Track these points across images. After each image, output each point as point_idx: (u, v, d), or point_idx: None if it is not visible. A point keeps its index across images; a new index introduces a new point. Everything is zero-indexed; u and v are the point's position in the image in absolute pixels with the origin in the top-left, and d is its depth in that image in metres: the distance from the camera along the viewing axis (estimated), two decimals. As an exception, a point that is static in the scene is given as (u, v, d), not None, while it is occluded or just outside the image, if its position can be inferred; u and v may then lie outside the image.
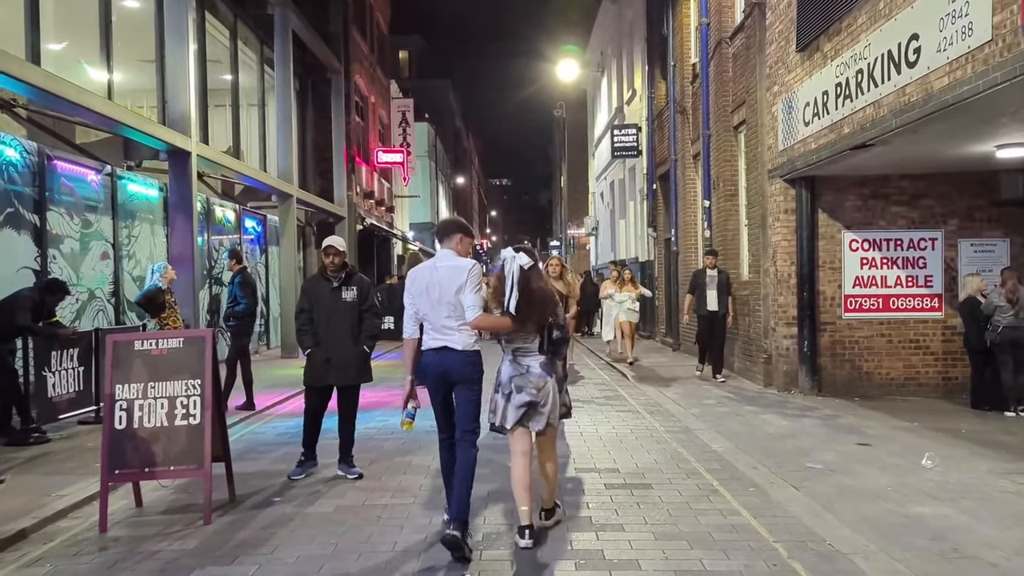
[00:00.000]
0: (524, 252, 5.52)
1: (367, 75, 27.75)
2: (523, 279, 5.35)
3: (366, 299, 6.88)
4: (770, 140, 11.86)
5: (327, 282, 6.81)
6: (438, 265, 5.50)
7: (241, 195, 18.08)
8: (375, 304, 7.01)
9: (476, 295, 5.31)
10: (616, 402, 10.80)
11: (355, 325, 6.81)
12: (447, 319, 5.29)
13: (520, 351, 5.33)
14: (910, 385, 11.38)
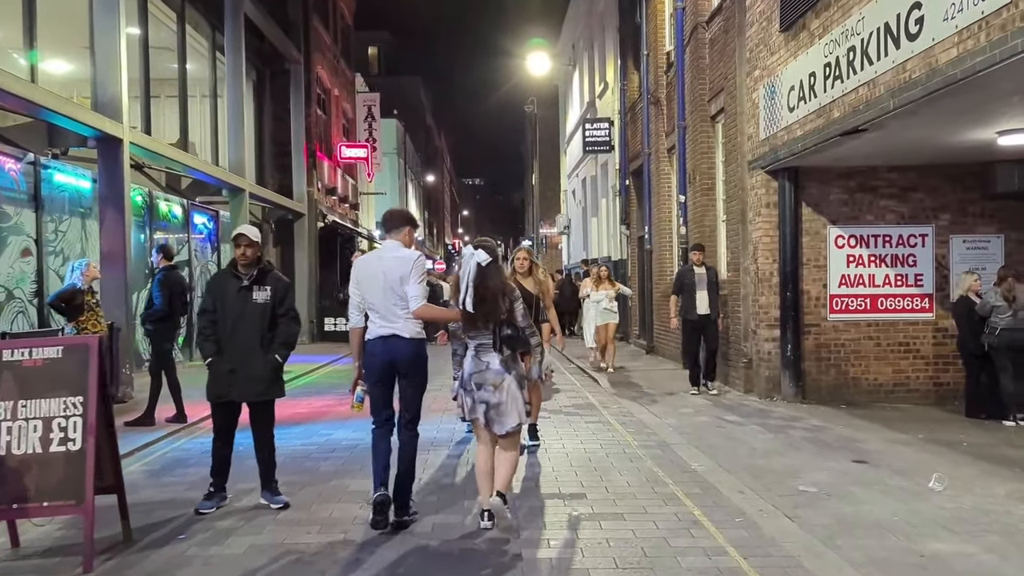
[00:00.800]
0: (483, 249, 5.55)
1: (330, 67, 26.71)
2: (479, 276, 5.41)
3: (282, 301, 5.91)
4: (750, 129, 11.06)
5: (235, 279, 5.82)
6: (384, 256, 5.59)
7: (189, 189, 17.01)
8: (293, 307, 6.05)
9: (419, 285, 5.43)
10: (586, 412, 9.92)
11: (267, 331, 5.81)
12: (394, 307, 5.39)
13: (482, 347, 5.41)
14: (899, 391, 10.62)
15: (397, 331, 5.38)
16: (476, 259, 5.49)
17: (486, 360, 5.38)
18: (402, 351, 5.38)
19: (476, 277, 5.44)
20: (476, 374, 5.38)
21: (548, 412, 9.86)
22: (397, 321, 5.39)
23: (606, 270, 14.58)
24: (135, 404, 10.04)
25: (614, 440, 8.14)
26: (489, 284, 5.45)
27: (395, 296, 5.41)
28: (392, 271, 5.44)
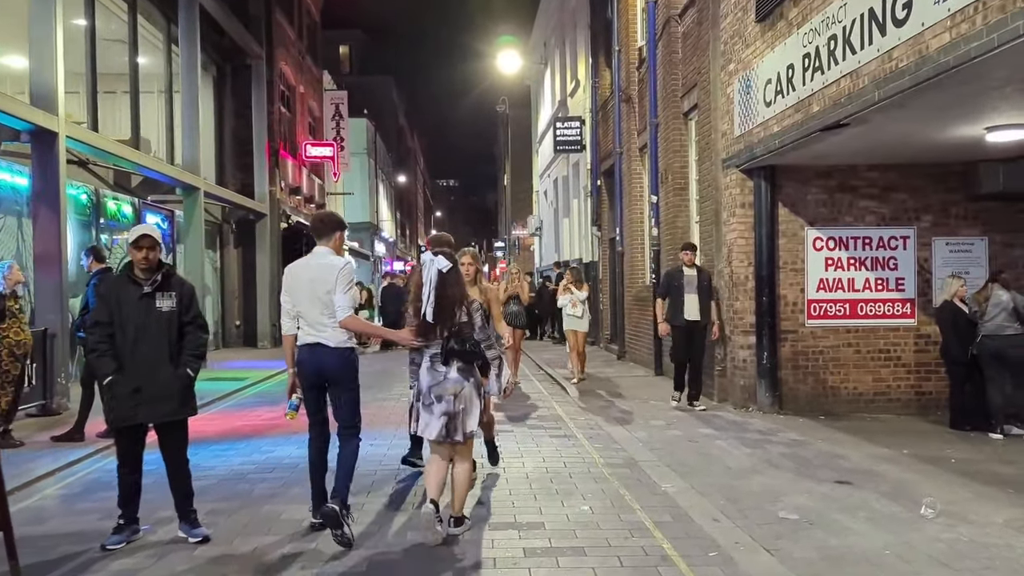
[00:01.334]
0: (443, 255, 5.35)
1: (294, 63, 25.95)
2: (440, 283, 5.23)
3: (188, 308, 5.25)
4: (725, 125, 10.54)
5: (135, 286, 5.14)
6: (311, 263, 5.48)
7: (141, 188, 16.24)
8: (200, 314, 5.41)
9: (346, 295, 5.31)
10: (551, 424, 9.33)
11: (174, 342, 5.16)
12: (320, 316, 5.30)
13: (439, 356, 5.25)
14: (880, 401, 10.14)
15: (323, 340, 5.28)
16: (437, 266, 5.25)
17: (443, 370, 5.22)
18: (328, 360, 5.29)
19: (438, 285, 5.23)
20: (435, 386, 5.20)
21: (511, 424, 9.28)
22: (324, 330, 5.29)
23: (570, 275, 13.47)
24: (69, 416, 9.33)
25: (579, 457, 7.55)
26: (449, 292, 5.26)
27: (321, 305, 5.30)
28: (319, 279, 5.32)
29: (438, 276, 5.24)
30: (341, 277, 5.29)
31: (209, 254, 20.56)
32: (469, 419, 5.22)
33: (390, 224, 55.54)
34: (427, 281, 5.25)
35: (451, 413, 5.16)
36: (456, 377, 5.20)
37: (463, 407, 5.18)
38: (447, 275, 5.25)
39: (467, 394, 5.20)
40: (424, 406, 5.24)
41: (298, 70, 26.69)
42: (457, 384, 5.18)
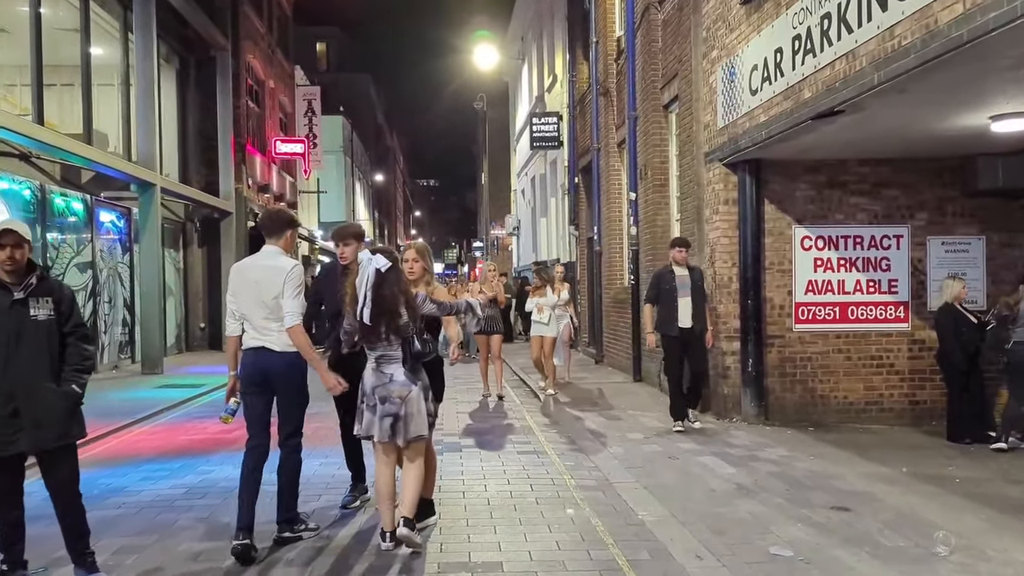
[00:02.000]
0: (382, 254, 5.02)
1: (264, 57, 25.10)
2: (377, 283, 4.96)
3: (70, 316, 4.49)
4: (707, 117, 9.88)
5: (4, 291, 4.37)
6: (259, 263, 5.26)
7: (93, 184, 15.36)
8: (84, 323, 4.65)
9: (295, 300, 5.07)
10: (520, 438, 8.62)
11: (56, 355, 4.40)
12: (266, 320, 5.11)
13: (383, 359, 5.03)
14: (872, 410, 9.51)
15: (267, 343, 5.10)
16: (374, 265, 4.97)
17: (389, 372, 5.00)
18: (272, 364, 5.10)
19: (374, 285, 4.96)
20: (379, 387, 4.99)
21: (475, 437, 8.56)
22: (270, 333, 5.10)
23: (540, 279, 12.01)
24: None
25: (548, 478, 6.84)
26: (386, 292, 4.97)
27: (266, 309, 5.09)
28: (266, 282, 5.09)
29: (375, 276, 4.94)
30: (289, 281, 5.05)
31: (172, 254, 19.73)
32: (412, 424, 4.96)
33: (367, 224, 54.64)
34: (363, 281, 4.96)
35: (396, 415, 4.95)
36: (403, 380, 4.98)
37: (409, 411, 4.96)
38: (386, 274, 4.95)
39: (414, 397, 4.98)
40: (367, 407, 5.03)
41: (268, 64, 25.84)
42: (404, 387, 4.96)
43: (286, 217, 5.57)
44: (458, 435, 8.85)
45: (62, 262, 14.00)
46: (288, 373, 5.11)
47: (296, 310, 5.04)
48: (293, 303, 5.04)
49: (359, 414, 5.09)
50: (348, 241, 5.78)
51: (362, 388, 5.08)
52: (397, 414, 4.94)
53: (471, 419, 9.73)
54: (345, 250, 5.81)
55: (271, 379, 5.13)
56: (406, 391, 4.95)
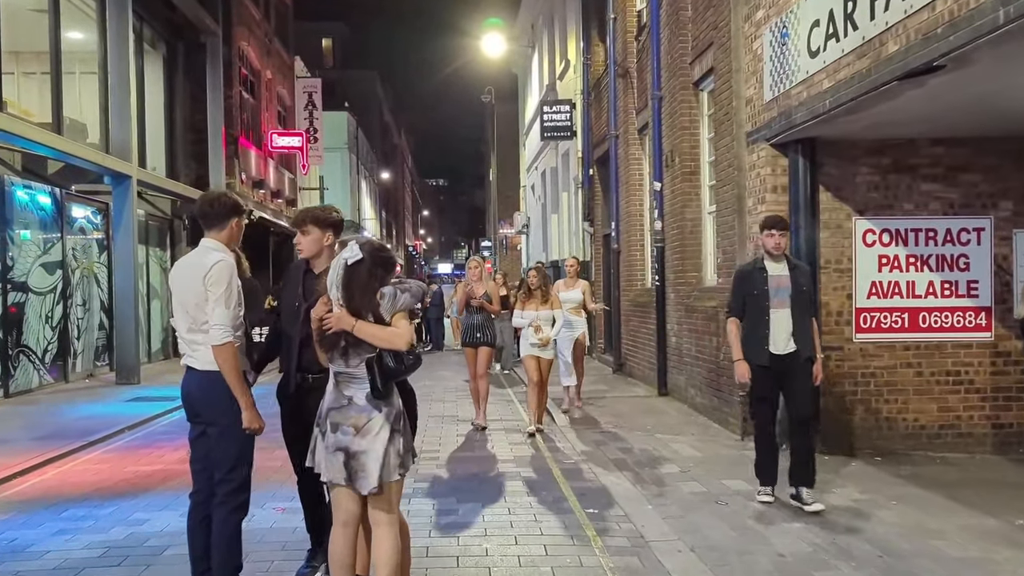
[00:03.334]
0: (358, 244, 3.83)
1: (259, 45, 23.75)
2: (347, 278, 3.75)
3: None
4: (750, 90, 8.44)
5: None
6: (185, 261, 4.29)
7: (61, 175, 14.02)
8: None
9: (222, 309, 3.96)
10: (529, 473, 7.18)
11: None
12: (190, 332, 4.08)
13: (344, 376, 3.80)
14: (946, 435, 8.03)
15: (192, 361, 4.13)
16: (344, 256, 3.80)
17: (349, 393, 3.78)
18: (193, 388, 4.12)
19: (342, 283, 3.75)
20: (335, 411, 3.80)
21: (475, 471, 7.13)
22: (196, 348, 4.10)
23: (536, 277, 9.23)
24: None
25: (567, 535, 5.40)
26: (356, 290, 3.74)
27: (189, 318, 4.09)
28: (187, 285, 4.09)
29: (344, 271, 3.75)
30: (211, 284, 3.97)
31: (157, 253, 18.42)
32: (371, 465, 3.67)
33: (374, 223, 53.37)
34: (332, 279, 3.79)
35: (349, 451, 3.70)
36: (363, 405, 3.73)
37: (366, 447, 3.68)
38: (354, 268, 3.74)
39: (374, 428, 3.70)
40: (320, 432, 3.84)
41: (264, 54, 24.50)
42: (363, 415, 3.72)
43: (228, 202, 4.28)
44: (452, 471, 7.41)
45: (25, 261, 12.66)
46: (210, 398, 4.03)
47: (224, 321, 3.96)
48: (220, 312, 3.97)
49: (313, 440, 3.90)
50: (305, 228, 4.38)
51: (320, 410, 3.88)
52: (349, 449, 3.70)
53: (469, 447, 8.30)
54: (302, 240, 4.41)
55: (194, 406, 4.15)
56: (364, 419, 3.71)
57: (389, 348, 3.68)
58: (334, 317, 3.71)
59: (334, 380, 3.82)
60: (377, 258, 3.79)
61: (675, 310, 11.07)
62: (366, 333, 3.67)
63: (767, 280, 6.06)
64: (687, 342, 10.46)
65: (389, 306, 3.73)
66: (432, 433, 9.03)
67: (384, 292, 3.75)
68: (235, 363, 3.95)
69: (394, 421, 3.75)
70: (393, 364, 3.68)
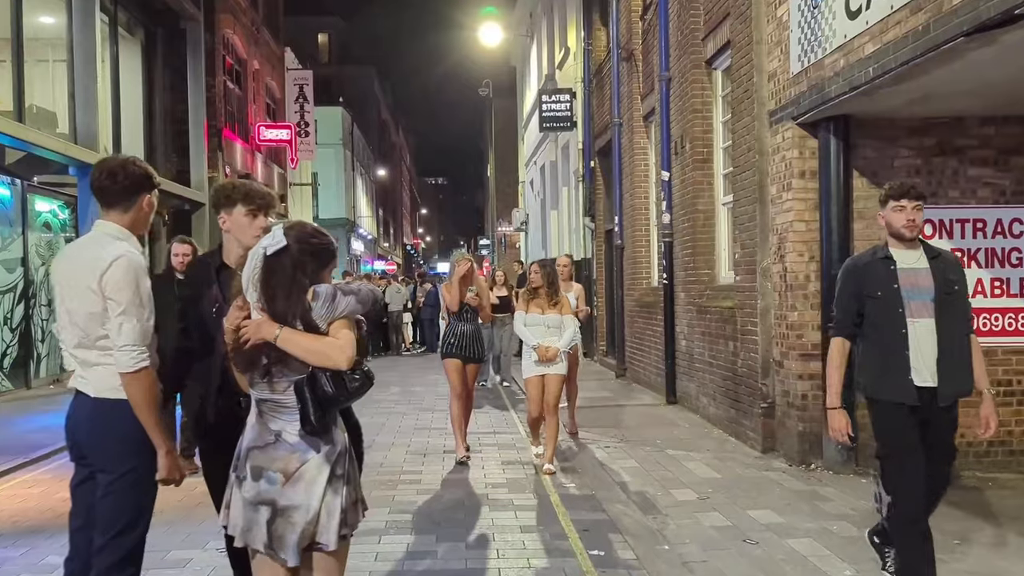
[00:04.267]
0: (282, 229, 2.86)
1: (246, 34, 22.77)
2: (265, 276, 2.80)
3: None
4: (774, 63, 7.48)
5: None
6: (72, 252, 3.36)
7: (23, 166, 13.05)
8: None
9: (129, 321, 3.02)
10: (525, 505, 6.20)
11: None
12: (79, 348, 3.11)
13: (269, 405, 2.83)
14: (996, 452, 7.09)
15: (82, 385, 3.13)
16: (263, 244, 2.85)
17: (277, 427, 2.81)
18: (82, 420, 3.12)
19: (261, 279, 2.82)
20: (257, 451, 2.81)
21: (466, 508, 6.16)
22: (88, 369, 3.10)
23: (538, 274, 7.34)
24: None
25: (567, 583, 4.45)
26: (278, 289, 2.80)
27: (78, 330, 3.09)
28: (73, 285, 3.09)
29: (263, 264, 2.82)
30: (112, 290, 3.02)
31: (135, 250, 17.42)
32: (302, 524, 2.73)
33: (370, 220, 52.45)
34: (248, 276, 2.85)
35: (276, 505, 2.74)
36: (295, 443, 2.79)
37: (299, 501, 2.74)
38: (273, 261, 2.82)
39: (309, 474, 2.76)
40: (237, 480, 2.86)
41: (251, 43, 23.52)
42: (294, 456, 2.78)
43: (137, 172, 3.27)
44: (435, 499, 6.46)
45: (-16, 259, 11.73)
46: (104, 437, 3.06)
47: (134, 340, 3.04)
48: (129, 329, 3.03)
49: (228, 489, 2.92)
50: (224, 211, 3.44)
51: (238, 448, 2.92)
52: (275, 502, 2.75)
53: (457, 468, 7.33)
54: (227, 220, 3.46)
55: (83, 447, 3.16)
56: (295, 462, 2.77)
57: (326, 366, 2.73)
58: (252, 325, 2.77)
59: (256, 410, 2.87)
60: (306, 246, 2.85)
61: (685, 311, 10.12)
62: (294, 345, 2.73)
63: (896, 276, 4.05)
64: (699, 346, 9.51)
65: (325, 311, 2.77)
66: (416, 449, 8.08)
67: (318, 292, 2.80)
68: (152, 396, 3.02)
69: (336, 464, 2.81)
70: (332, 388, 2.73)
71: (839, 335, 4.22)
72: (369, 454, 7.78)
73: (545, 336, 7.10)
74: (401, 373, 15.40)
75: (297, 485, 2.73)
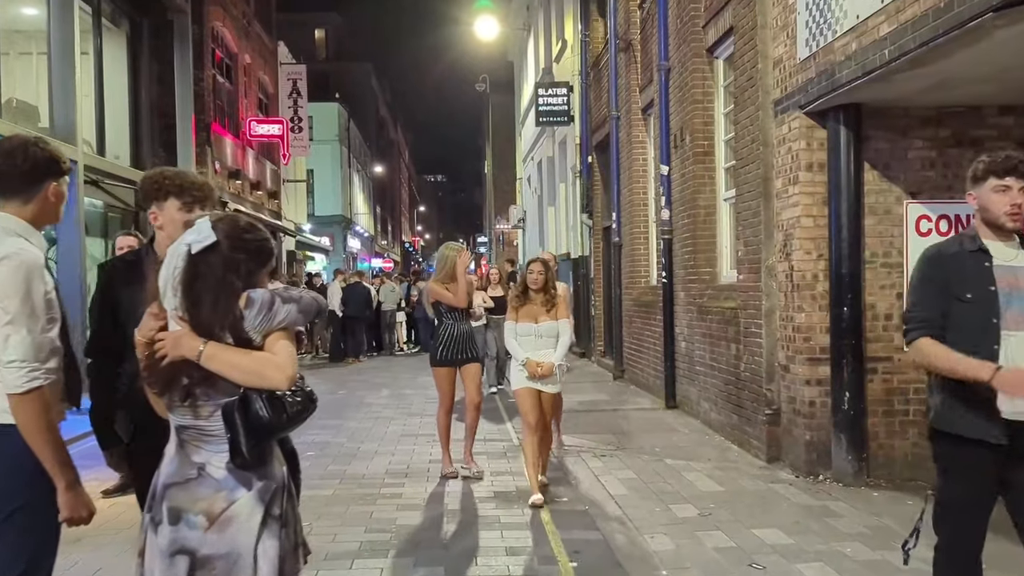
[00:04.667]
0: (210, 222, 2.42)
1: (237, 27, 22.32)
2: (188, 275, 2.36)
3: None
4: (779, 49, 7.05)
5: None
6: None
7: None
8: None
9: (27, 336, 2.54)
10: (512, 523, 5.76)
11: None
12: None
13: (191, 433, 2.38)
14: None
15: None
16: (185, 240, 2.39)
17: (199, 460, 2.36)
18: None
19: (185, 279, 2.37)
20: (176, 488, 2.35)
21: (449, 525, 5.73)
22: None
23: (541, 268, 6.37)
24: None
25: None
26: (204, 295, 2.36)
27: None
28: None
29: (185, 264, 2.38)
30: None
31: (120, 248, 16.98)
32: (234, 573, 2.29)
33: (367, 218, 52.00)
34: (166, 280, 2.40)
35: (197, 554, 2.29)
36: (222, 479, 2.34)
37: (230, 548, 2.29)
38: (204, 260, 2.37)
39: (238, 516, 2.31)
40: (151, 523, 2.39)
41: (242, 36, 23.06)
42: (220, 494, 2.33)
43: (40, 157, 2.78)
44: (415, 514, 6.03)
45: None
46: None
47: (25, 355, 2.53)
48: (18, 342, 2.53)
49: (142, 531, 2.45)
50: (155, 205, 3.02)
51: (154, 484, 2.44)
52: (196, 552, 2.30)
53: (441, 479, 6.90)
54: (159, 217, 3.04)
55: None
56: (222, 502, 2.32)
57: (261, 386, 2.30)
58: (169, 339, 2.34)
59: (176, 439, 2.43)
60: (240, 242, 2.41)
61: (685, 311, 9.69)
62: (222, 363, 2.29)
63: (992, 275, 3.15)
64: (699, 348, 9.08)
65: (260, 321, 2.33)
66: (400, 459, 7.64)
67: (253, 299, 2.36)
68: (45, 421, 2.56)
69: (272, 502, 2.37)
70: (267, 413, 2.29)
71: (927, 334, 3.15)
72: (351, 465, 7.40)
73: (536, 348, 6.08)
74: (393, 374, 14.97)
75: (224, 530, 2.29)
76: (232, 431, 2.29)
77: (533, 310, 6.15)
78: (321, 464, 7.37)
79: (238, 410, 2.29)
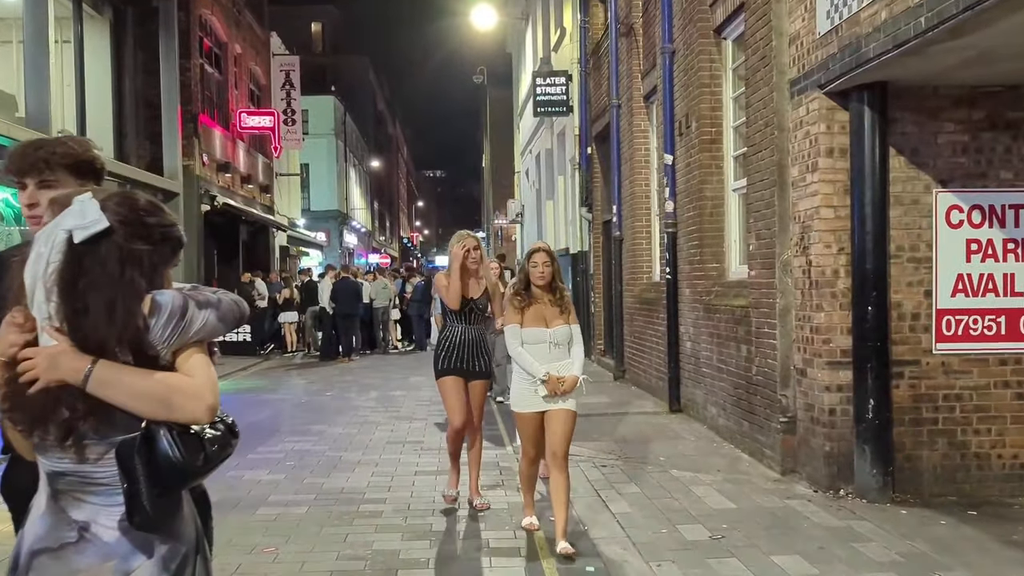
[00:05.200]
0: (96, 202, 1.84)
1: (225, 15, 21.70)
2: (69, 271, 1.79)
3: None
4: (796, 23, 6.46)
5: None
6: None
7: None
8: None
9: None
10: (503, 548, 5.18)
11: None
12: None
13: (71, 481, 1.81)
14: (1055, 476, 6.09)
15: None
16: (63, 225, 1.78)
17: (82, 517, 1.77)
18: None
19: (64, 275, 1.77)
20: (46, 556, 1.75)
21: (431, 547, 5.15)
22: None
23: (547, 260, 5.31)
24: None
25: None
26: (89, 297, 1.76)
27: None
28: None
29: (65, 256, 1.79)
30: None
31: (103, 243, 16.41)
32: None
33: (364, 213, 51.39)
34: (36, 276, 1.81)
35: None
36: (115, 541, 1.78)
37: None
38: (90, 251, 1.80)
39: None
40: None
41: (232, 25, 22.45)
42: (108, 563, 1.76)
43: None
44: (396, 532, 5.45)
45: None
46: None
47: None
48: None
49: None
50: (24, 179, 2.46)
51: (15, 548, 1.87)
52: None
53: (428, 493, 6.32)
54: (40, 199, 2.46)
55: None
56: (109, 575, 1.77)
57: (172, 419, 1.72)
58: (41, 357, 1.76)
59: (48, 490, 1.85)
60: (140, 228, 1.85)
61: (690, 309, 9.12)
62: (118, 389, 1.72)
63: None
64: (706, 349, 8.51)
65: (170, 332, 1.78)
66: (385, 468, 7.07)
67: (161, 303, 1.80)
68: None
69: (180, 572, 1.79)
70: (179, 453, 1.72)
71: None
72: (330, 477, 6.81)
73: (552, 358, 4.97)
74: (384, 375, 14.40)
75: None
76: (130, 479, 1.72)
77: (542, 312, 5.04)
78: (297, 477, 6.80)
79: (139, 451, 1.72)
